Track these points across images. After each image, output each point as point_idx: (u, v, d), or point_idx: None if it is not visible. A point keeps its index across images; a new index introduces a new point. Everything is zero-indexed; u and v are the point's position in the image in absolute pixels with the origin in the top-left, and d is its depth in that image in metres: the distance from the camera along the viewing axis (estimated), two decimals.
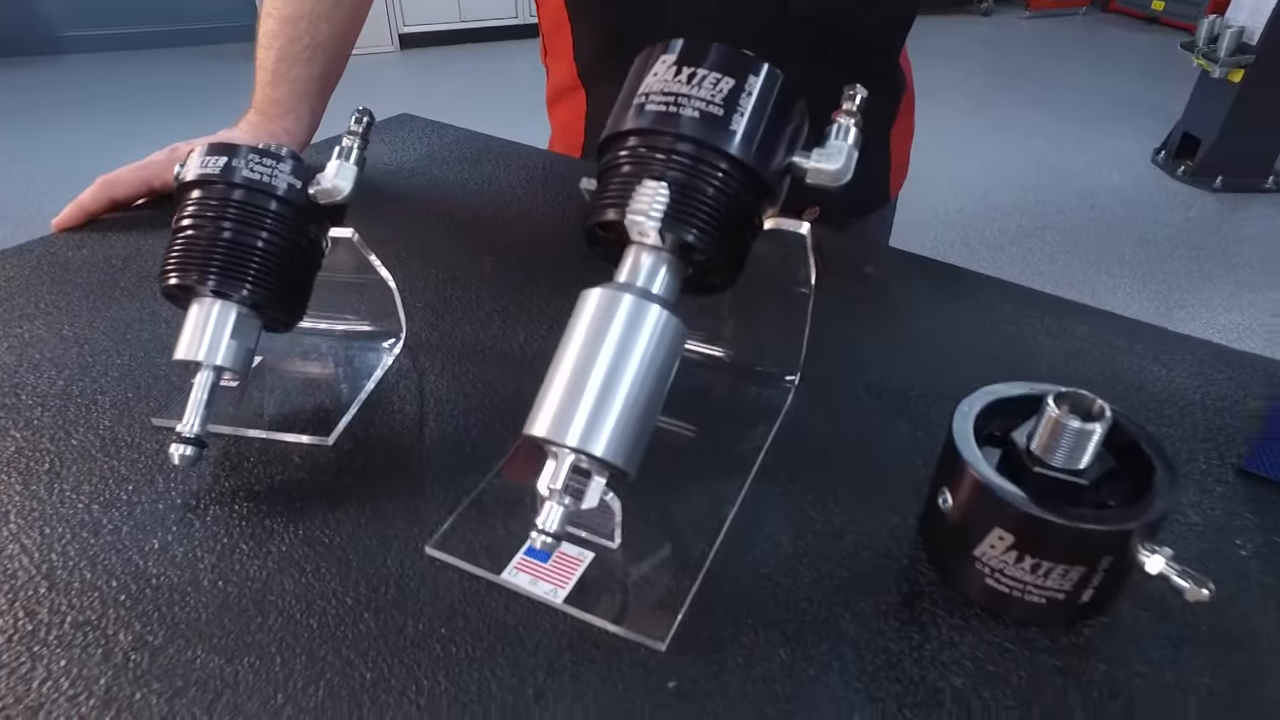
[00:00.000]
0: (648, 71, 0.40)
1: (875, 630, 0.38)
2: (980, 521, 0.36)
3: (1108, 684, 0.36)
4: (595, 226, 0.40)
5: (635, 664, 0.36)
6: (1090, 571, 0.35)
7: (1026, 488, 0.36)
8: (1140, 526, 0.34)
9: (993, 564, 0.37)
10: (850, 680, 0.35)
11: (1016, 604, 0.37)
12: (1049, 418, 0.36)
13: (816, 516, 0.43)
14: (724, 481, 0.44)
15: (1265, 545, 0.42)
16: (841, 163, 0.41)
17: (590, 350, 0.37)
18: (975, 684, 0.35)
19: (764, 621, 0.38)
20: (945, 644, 0.37)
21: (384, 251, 0.53)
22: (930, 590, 0.39)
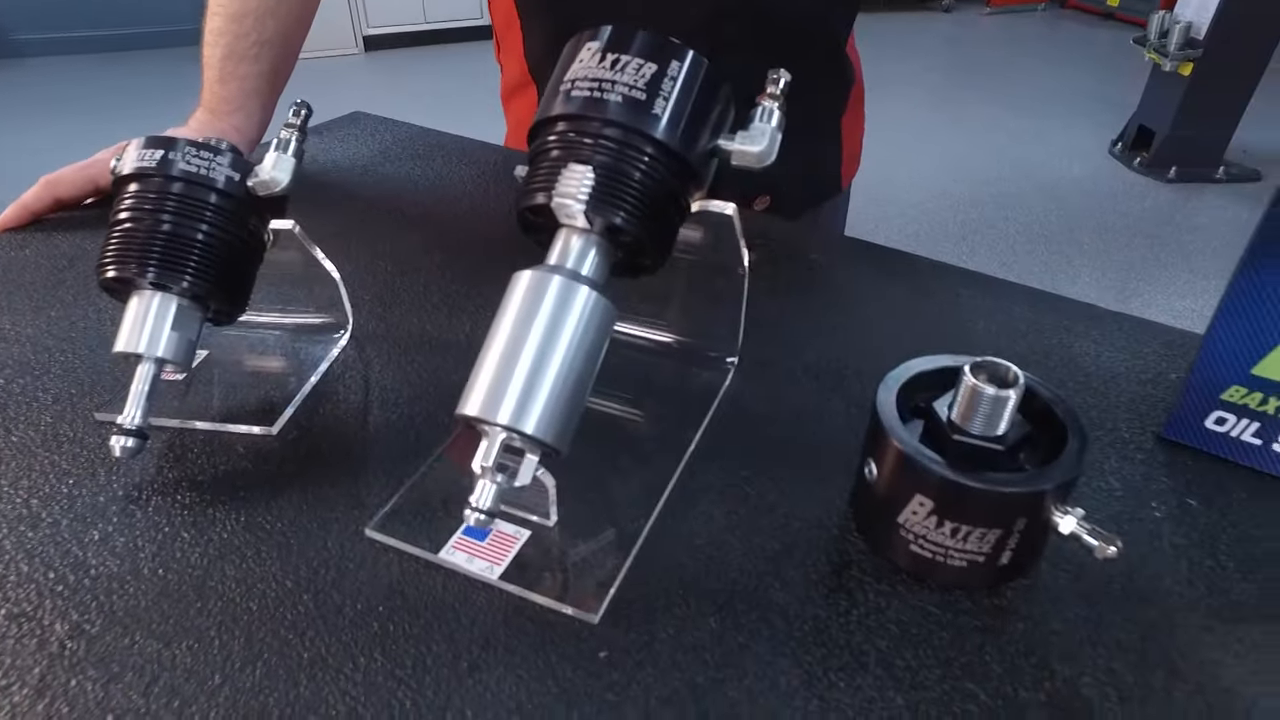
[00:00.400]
0: (574, 59, 0.41)
1: (804, 598, 0.39)
2: (902, 489, 0.38)
3: (1025, 641, 0.37)
4: (525, 211, 0.41)
5: (568, 636, 0.37)
6: (1006, 534, 0.36)
7: (946, 455, 0.37)
8: (1052, 488, 0.36)
9: (915, 530, 0.38)
10: (778, 646, 0.37)
11: (940, 568, 0.38)
12: (966, 386, 0.37)
13: (751, 492, 0.44)
14: (661, 460, 0.45)
15: (1178, 507, 0.44)
16: (764, 144, 0.42)
17: (520, 331, 0.38)
18: (899, 646, 0.37)
19: (696, 593, 0.39)
20: (872, 609, 0.38)
21: (333, 246, 0.53)
22: (859, 559, 0.41)
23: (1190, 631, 0.38)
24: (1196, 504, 0.44)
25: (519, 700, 0.34)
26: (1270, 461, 0.46)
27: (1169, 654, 0.37)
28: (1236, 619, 0.38)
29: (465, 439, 0.47)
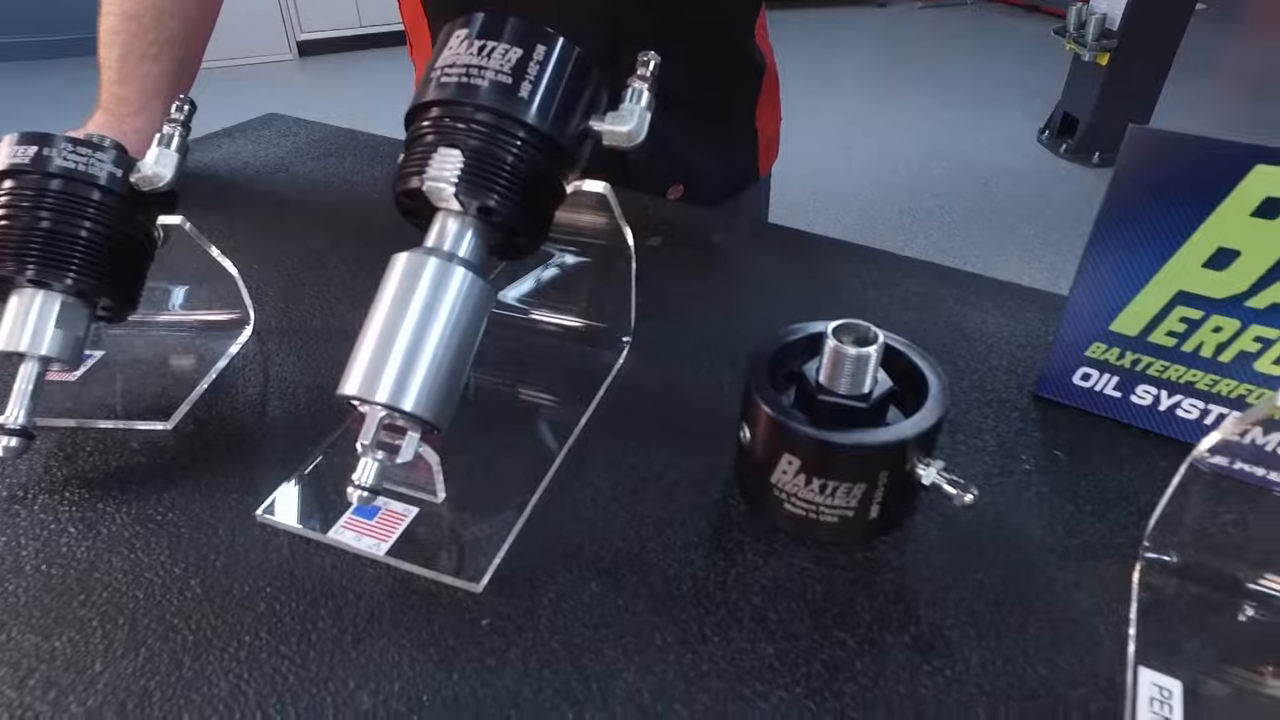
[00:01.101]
0: (445, 47, 0.42)
1: (684, 560, 0.40)
2: (772, 450, 0.39)
3: (894, 590, 0.39)
4: (401, 195, 0.42)
5: (452, 606, 0.38)
6: (872, 487, 0.38)
7: (813, 415, 0.39)
8: (910, 441, 0.37)
9: (787, 489, 0.39)
10: (657, 606, 0.38)
11: (813, 525, 0.40)
12: (829, 348, 0.39)
13: (638, 463, 0.45)
14: (551, 436, 0.46)
15: (1046, 459, 0.46)
16: (633, 124, 0.43)
17: (398, 311, 0.39)
18: (773, 600, 0.38)
19: (579, 560, 0.40)
20: (749, 568, 0.40)
21: (240, 244, 0.54)
22: (740, 521, 0.42)
23: (1047, 571, 0.40)
24: (1063, 455, 0.46)
25: (400, 669, 0.35)
26: (1129, 412, 0.48)
27: (1026, 593, 0.39)
28: (1089, 557, 0.40)
29: (360, 422, 0.47)
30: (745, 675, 0.35)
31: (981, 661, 0.36)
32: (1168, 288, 0.46)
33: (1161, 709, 0.33)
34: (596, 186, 0.46)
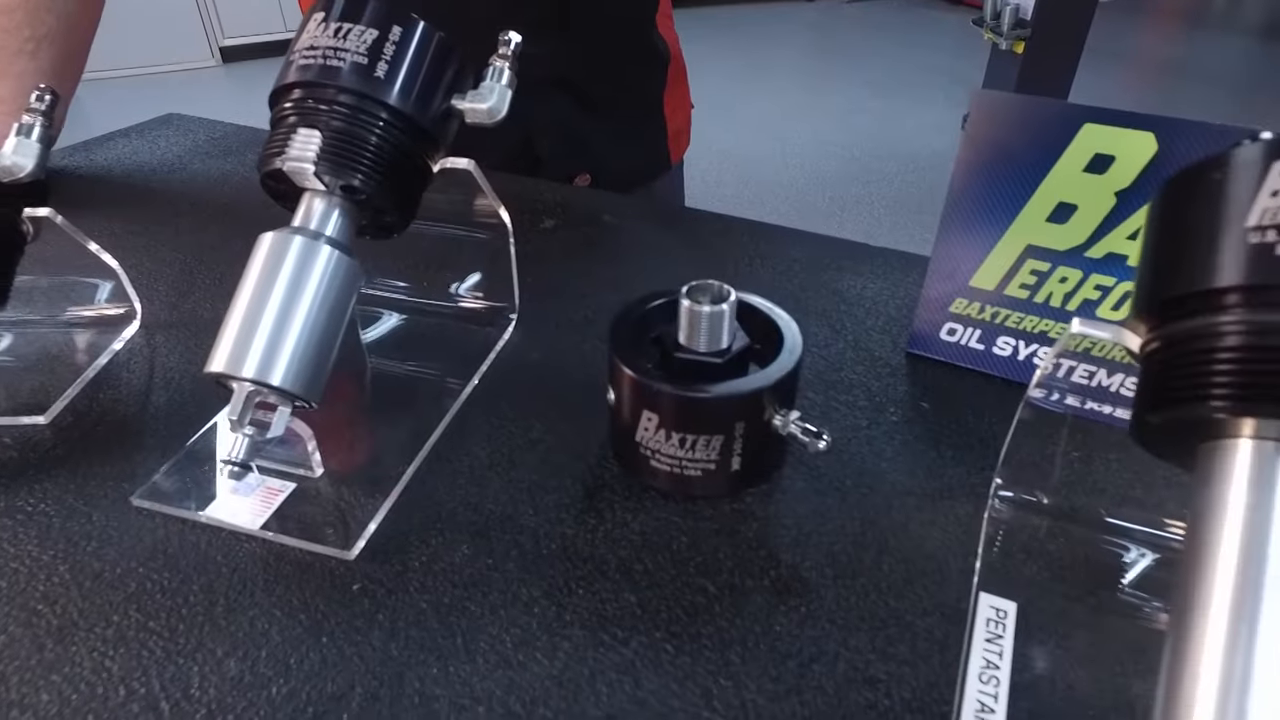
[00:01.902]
0: (304, 30, 0.42)
1: (555, 520, 0.41)
2: (634, 408, 0.40)
3: (757, 538, 0.40)
4: (267, 178, 0.42)
5: (325, 574, 0.38)
6: (729, 439, 0.40)
7: (671, 373, 0.40)
8: (764, 391, 0.39)
9: (651, 446, 0.41)
10: (525, 564, 0.39)
11: (679, 480, 0.41)
12: (684, 307, 0.40)
13: (517, 432, 0.46)
14: (432, 410, 0.47)
15: (912, 410, 0.48)
16: (493, 100, 0.44)
17: (264, 289, 0.39)
18: (639, 553, 0.39)
19: (452, 525, 0.41)
20: (618, 524, 0.41)
21: (131, 241, 0.54)
22: (612, 482, 0.43)
23: (905, 513, 0.42)
24: (928, 406, 0.49)
25: (269, 635, 0.36)
26: (991, 363, 0.51)
27: (884, 534, 0.40)
28: (945, 498, 0.42)
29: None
30: (607, 623, 0.36)
31: (836, 598, 0.37)
32: (1018, 243, 0.48)
33: (996, 628, 0.35)
34: (461, 163, 0.46)
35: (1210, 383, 0.26)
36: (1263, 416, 0.26)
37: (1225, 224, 0.26)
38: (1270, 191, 0.26)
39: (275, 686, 0.34)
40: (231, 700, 0.33)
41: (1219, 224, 0.27)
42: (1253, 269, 0.25)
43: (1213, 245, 0.26)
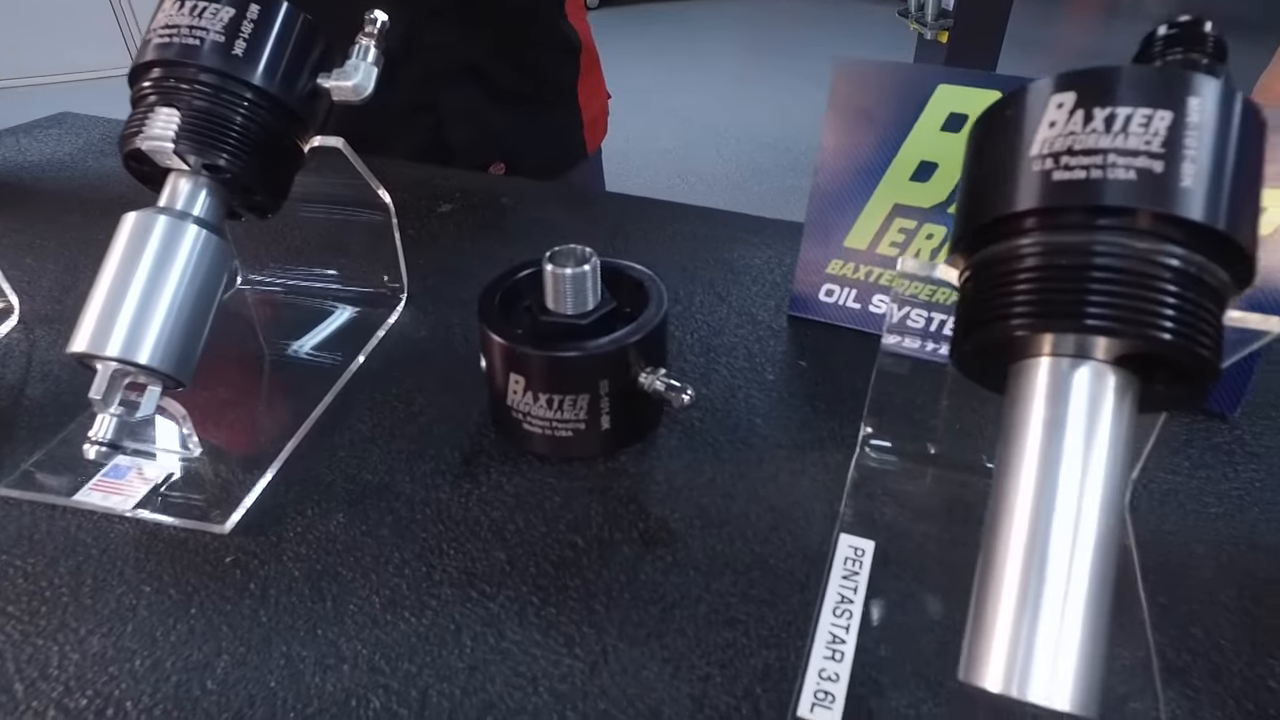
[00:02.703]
0: (160, 9, 0.42)
1: (431, 486, 0.41)
2: (503, 372, 0.41)
3: (629, 494, 0.41)
4: (129, 158, 0.42)
5: (198, 549, 0.38)
6: (595, 398, 0.40)
7: (539, 337, 0.41)
8: (626, 349, 0.40)
9: (521, 408, 0.41)
10: (400, 530, 0.39)
11: (552, 441, 0.42)
12: (547, 272, 0.41)
13: (399, 405, 0.47)
14: (315, 388, 0.47)
15: (790, 369, 0.49)
16: (358, 78, 0.44)
17: (127, 268, 0.39)
18: (512, 514, 0.40)
19: (328, 497, 0.41)
20: (493, 487, 0.41)
21: (16, 240, 0.53)
22: (490, 449, 0.44)
23: (776, 464, 0.43)
24: (806, 365, 0.50)
25: (136, 611, 0.35)
26: (868, 321, 0.52)
27: (753, 485, 0.41)
28: (816, 449, 0.44)
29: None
30: (475, 580, 0.37)
31: (702, 547, 0.38)
32: (885, 202, 0.49)
33: (853, 565, 0.37)
34: (332, 143, 0.47)
35: (1009, 304, 0.27)
36: (1056, 333, 0.27)
37: (1015, 155, 0.28)
38: (1048, 123, 0.27)
39: (139, 659, 0.34)
40: (91, 675, 0.33)
41: (1011, 156, 0.28)
42: (1036, 194, 0.27)
43: (1006, 176, 0.28)
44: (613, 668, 0.33)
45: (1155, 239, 0.26)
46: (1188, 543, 0.39)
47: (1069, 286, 0.26)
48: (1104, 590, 0.26)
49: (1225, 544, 0.39)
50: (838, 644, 0.33)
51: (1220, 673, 0.33)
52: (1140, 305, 0.26)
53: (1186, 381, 0.27)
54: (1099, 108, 0.26)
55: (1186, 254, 0.26)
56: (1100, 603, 0.25)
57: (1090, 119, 0.26)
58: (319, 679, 0.33)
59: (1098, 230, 0.26)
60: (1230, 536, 0.39)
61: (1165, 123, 0.26)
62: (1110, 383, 0.27)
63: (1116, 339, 0.26)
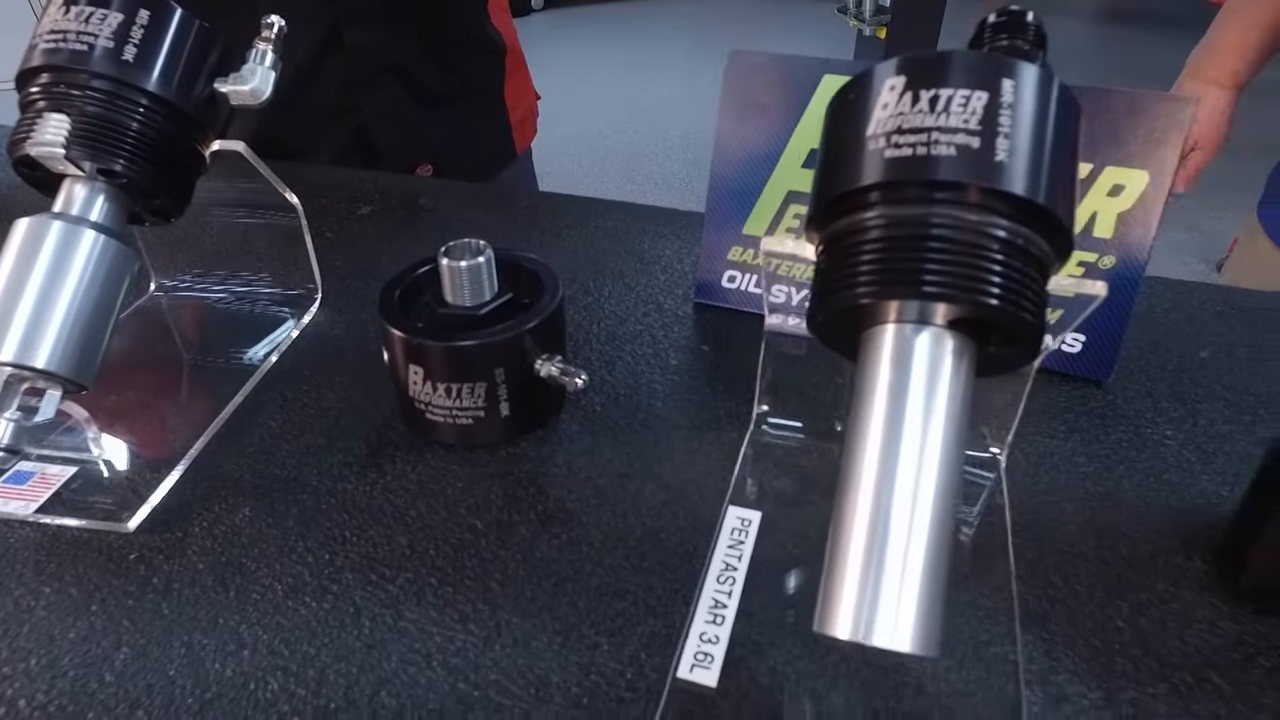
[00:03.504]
0: (45, 14, 0.43)
1: (337, 478, 0.43)
2: (402, 364, 0.42)
3: (529, 477, 0.42)
4: (19, 164, 0.43)
5: (101, 549, 0.39)
6: (492, 385, 0.42)
7: (438, 329, 0.42)
8: (517, 336, 0.41)
9: (423, 399, 0.42)
10: (305, 520, 0.40)
11: (454, 430, 0.43)
12: (443, 266, 0.42)
13: (309, 402, 0.48)
14: (226, 388, 0.48)
15: (692, 354, 0.51)
16: (255, 82, 0.45)
17: (21, 274, 0.40)
18: (414, 500, 0.41)
19: (236, 492, 0.42)
20: (398, 477, 0.43)
21: None
22: (397, 440, 0.45)
23: (673, 444, 0.44)
24: (708, 349, 0.52)
25: (34, 612, 0.36)
26: None
27: (650, 465, 0.43)
28: (713, 428, 0.45)
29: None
30: (376, 564, 0.38)
31: (597, 524, 0.40)
32: (780, 189, 0.51)
33: (739, 535, 0.38)
34: (233, 146, 0.47)
35: (855, 275, 0.29)
36: (894, 300, 0.29)
37: (856, 135, 0.30)
38: (882, 105, 0.29)
39: (35, 658, 0.34)
40: None
41: (852, 136, 0.30)
42: (871, 171, 0.29)
43: (849, 154, 0.30)
44: (505, 640, 0.35)
45: (978, 210, 0.28)
46: (1058, 501, 0.42)
47: (906, 256, 0.28)
48: (943, 542, 0.27)
49: (1091, 500, 0.42)
50: (719, 609, 0.35)
51: (1075, 615, 0.36)
52: (969, 273, 0.28)
53: (1015, 343, 0.29)
54: (924, 89, 0.28)
55: (1008, 224, 0.28)
56: (939, 553, 0.27)
57: (917, 100, 0.28)
58: (218, 665, 0.34)
59: (928, 203, 0.28)
60: (1096, 493, 0.42)
61: (982, 102, 0.28)
62: (949, 346, 0.29)
63: (950, 305, 0.28)
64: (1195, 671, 0.34)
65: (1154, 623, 0.36)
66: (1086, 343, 0.49)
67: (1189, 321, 0.55)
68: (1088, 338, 0.49)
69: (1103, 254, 0.47)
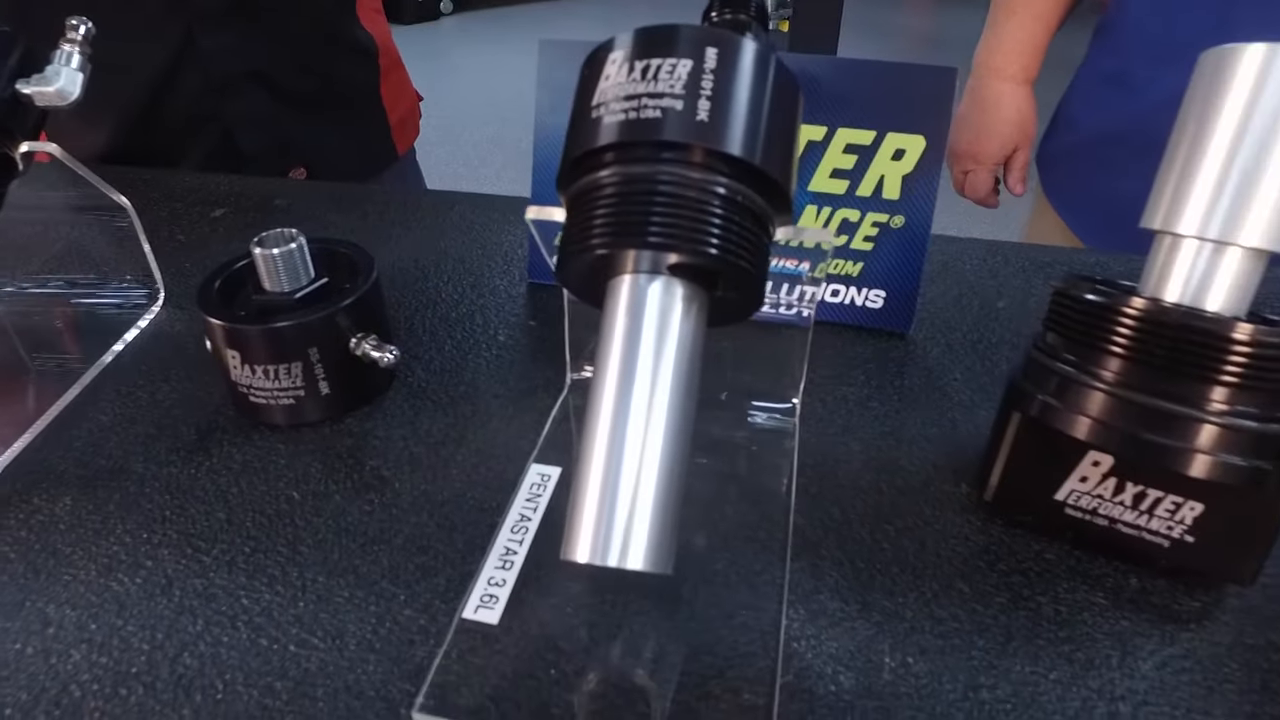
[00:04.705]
0: None
1: (163, 464, 0.44)
2: (223, 350, 0.44)
3: (349, 450, 0.45)
4: None
5: None
6: (308, 364, 0.44)
7: (256, 315, 0.44)
8: (328, 316, 0.43)
9: (244, 382, 0.44)
10: (126, 504, 0.42)
11: (278, 410, 0.45)
12: (256, 255, 0.44)
13: (144, 395, 0.49)
14: (55, 389, 0.49)
15: (519, 329, 0.54)
16: (61, 83, 0.46)
17: None
18: (237, 479, 0.43)
19: (59, 483, 0.43)
20: (223, 459, 0.44)
21: None
22: (227, 425, 0.47)
23: (491, 413, 0.47)
24: (535, 324, 0.54)
25: None
26: None
27: (464, 432, 0.46)
28: (529, 395, 0.48)
29: None
30: (193, 539, 0.40)
31: (409, 488, 0.42)
32: None
33: (538, 490, 0.41)
34: (48, 149, 0.48)
35: (590, 229, 0.32)
36: (624, 250, 0.32)
37: (586, 103, 0.33)
38: (605, 76, 0.32)
39: None
40: None
41: (584, 104, 0.33)
42: (594, 136, 0.31)
43: (581, 121, 0.33)
44: (309, 598, 0.37)
45: (693, 167, 0.31)
46: (847, 441, 0.45)
47: (632, 209, 0.31)
48: (673, 470, 0.30)
49: (877, 439, 0.45)
50: (510, 555, 0.37)
51: (846, 542, 0.39)
52: (688, 224, 0.31)
53: (739, 289, 0.33)
54: (639, 60, 0.31)
55: (724, 181, 0.31)
56: (669, 481, 0.30)
57: (632, 70, 0.31)
58: (20, 645, 0.35)
59: (644, 162, 0.31)
60: (882, 432, 0.46)
61: (686, 69, 0.31)
62: (678, 293, 0.32)
63: (675, 254, 0.31)
64: (943, 580, 0.37)
65: (914, 543, 0.39)
66: (887, 298, 0.53)
67: (992, 276, 0.60)
68: (887, 293, 0.53)
69: (893, 214, 0.51)
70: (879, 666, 0.34)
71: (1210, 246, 0.34)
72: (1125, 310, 0.35)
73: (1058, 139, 0.93)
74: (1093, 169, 0.87)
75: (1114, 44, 0.84)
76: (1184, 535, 0.35)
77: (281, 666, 0.34)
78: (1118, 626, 0.35)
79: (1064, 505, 0.37)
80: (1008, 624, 0.35)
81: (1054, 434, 0.36)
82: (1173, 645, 0.35)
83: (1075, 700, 0.33)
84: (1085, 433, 0.36)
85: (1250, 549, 0.35)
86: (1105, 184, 0.85)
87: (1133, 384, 0.35)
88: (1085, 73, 0.90)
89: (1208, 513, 0.34)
